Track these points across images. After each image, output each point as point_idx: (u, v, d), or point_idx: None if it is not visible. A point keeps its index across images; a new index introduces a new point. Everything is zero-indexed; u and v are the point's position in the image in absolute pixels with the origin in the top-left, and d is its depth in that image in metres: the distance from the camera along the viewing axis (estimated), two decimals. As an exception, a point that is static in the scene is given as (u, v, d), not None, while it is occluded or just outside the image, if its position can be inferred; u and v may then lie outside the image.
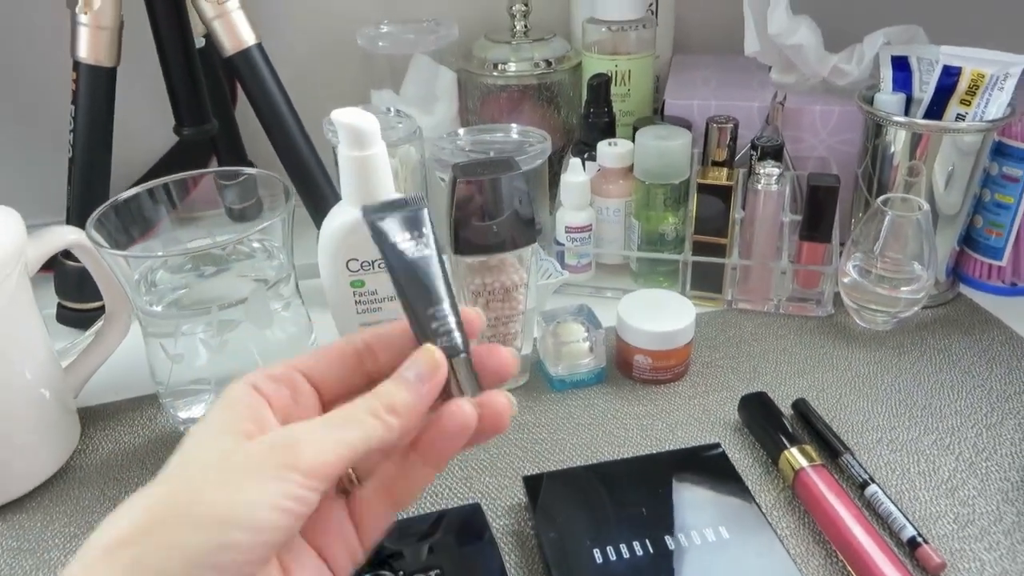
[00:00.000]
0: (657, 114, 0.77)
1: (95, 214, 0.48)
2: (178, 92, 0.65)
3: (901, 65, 0.66)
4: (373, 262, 0.49)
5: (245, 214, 0.61)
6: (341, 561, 0.30)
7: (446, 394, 0.30)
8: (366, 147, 0.46)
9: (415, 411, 0.29)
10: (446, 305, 0.31)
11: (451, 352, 0.30)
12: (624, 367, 0.58)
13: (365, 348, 0.31)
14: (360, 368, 0.31)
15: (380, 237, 0.31)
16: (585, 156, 0.69)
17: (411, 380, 0.29)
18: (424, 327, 0.30)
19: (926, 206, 0.58)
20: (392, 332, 0.31)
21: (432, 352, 0.30)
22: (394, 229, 0.32)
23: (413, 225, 0.32)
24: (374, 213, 0.32)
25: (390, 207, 0.32)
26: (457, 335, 0.30)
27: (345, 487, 0.32)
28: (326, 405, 0.31)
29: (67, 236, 0.51)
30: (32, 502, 0.49)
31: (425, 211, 0.32)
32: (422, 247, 0.31)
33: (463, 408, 0.29)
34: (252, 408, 0.29)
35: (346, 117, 0.45)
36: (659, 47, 0.79)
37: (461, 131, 0.65)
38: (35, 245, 0.49)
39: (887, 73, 0.66)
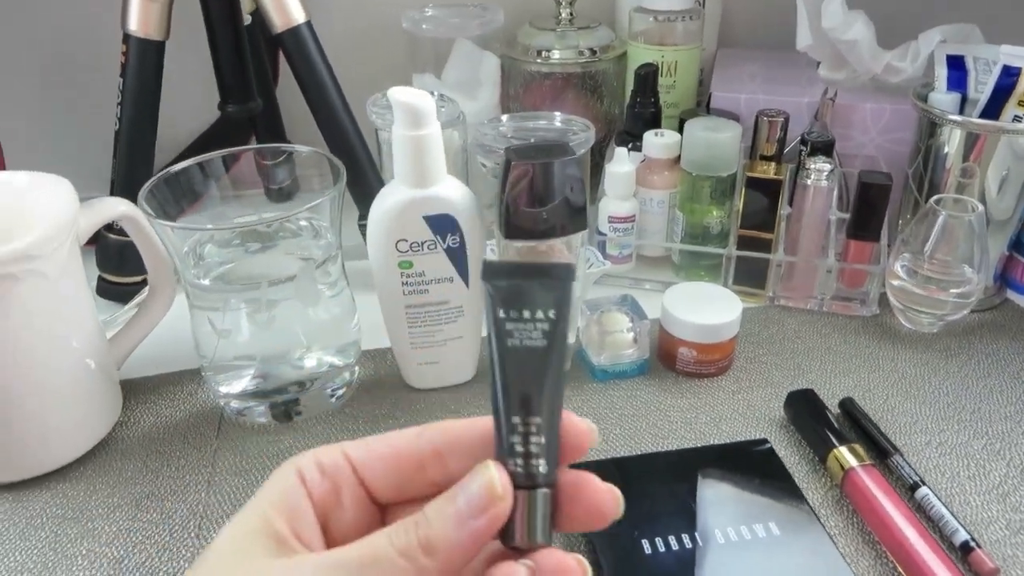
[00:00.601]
0: (702, 107, 0.76)
1: (147, 185, 0.48)
2: (224, 68, 0.65)
3: (957, 64, 0.64)
4: (423, 243, 0.49)
5: (285, 193, 0.61)
6: None
7: (509, 531, 0.24)
8: (421, 126, 0.46)
9: (459, 552, 0.23)
10: (540, 419, 0.24)
11: (523, 481, 0.24)
12: (667, 359, 0.57)
13: (431, 454, 0.26)
14: (421, 477, 0.26)
15: (489, 304, 0.25)
16: (630, 146, 0.68)
17: (461, 510, 0.24)
18: (502, 438, 0.25)
19: (980, 207, 0.57)
20: (467, 433, 0.26)
21: (492, 477, 0.24)
22: (510, 299, 0.25)
23: (538, 302, 0.25)
24: (496, 273, 0.25)
25: (525, 271, 0.25)
26: (540, 462, 0.24)
27: None
28: (380, 508, 0.27)
29: (117, 207, 0.51)
30: (75, 471, 0.50)
31: (563, 289, 0.25)
32: (537, 335, 0.25)
33: None
34: (290, 502, 0.25)
35: (403, 95, 0.45)
36: (704, 39, 0.78)
37: (504, 117, 0.64)
38: (86, 215, 0.49)
39: (942, 72, 0.65)
